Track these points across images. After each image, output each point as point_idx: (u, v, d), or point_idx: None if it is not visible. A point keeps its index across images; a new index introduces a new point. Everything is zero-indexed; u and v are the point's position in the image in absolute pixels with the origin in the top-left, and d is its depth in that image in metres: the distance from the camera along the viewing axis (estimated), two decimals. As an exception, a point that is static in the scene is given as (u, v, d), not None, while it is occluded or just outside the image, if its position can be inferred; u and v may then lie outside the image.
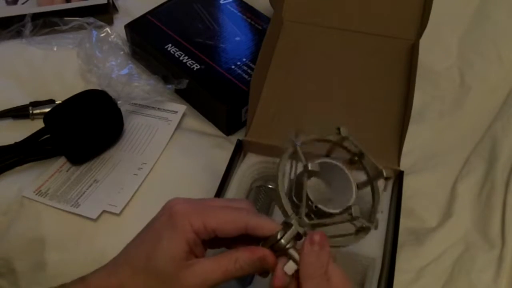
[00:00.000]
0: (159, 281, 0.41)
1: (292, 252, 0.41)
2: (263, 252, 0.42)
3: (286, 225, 0.42)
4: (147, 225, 0.44)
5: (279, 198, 0.45)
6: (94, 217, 0.62)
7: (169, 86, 0.72)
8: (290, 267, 0.41)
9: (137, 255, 0.43)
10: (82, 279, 0.43)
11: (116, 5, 0.88)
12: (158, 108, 0.73)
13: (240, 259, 0.42)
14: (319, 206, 0.46)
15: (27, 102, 0.73)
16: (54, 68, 0.79)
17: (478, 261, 0.59)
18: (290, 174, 0.50)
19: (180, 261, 0.41)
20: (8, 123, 0.73)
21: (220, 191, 0.60)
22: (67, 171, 0.67)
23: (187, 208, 0.43)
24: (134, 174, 0.66)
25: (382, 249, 0.56)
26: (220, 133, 0.73)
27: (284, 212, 0.45)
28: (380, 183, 0.50)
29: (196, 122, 0.74)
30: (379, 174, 0.49)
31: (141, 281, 0.42)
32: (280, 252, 0.42)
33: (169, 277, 0.41)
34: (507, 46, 0.81)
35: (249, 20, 0.80)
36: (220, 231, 0.42)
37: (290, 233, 0.42)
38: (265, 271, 0.43)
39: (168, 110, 0.73)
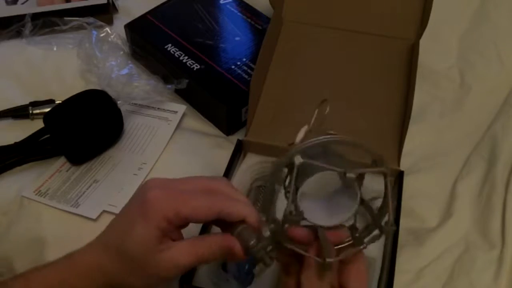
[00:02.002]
0: (133, 265, 0.43)
1: (263, 255, 0.42)
2: (234, 243, 0.43)
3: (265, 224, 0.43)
4: (122, 208, 0.46)
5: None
6: (94, 217, 0.62)
7: (169, 86, 0.72)
8: (258, 270, 0.43)
9: (112, 239, 0.45)
10: (69, 255, 0.46)
11: (116, 5, 0.88)
12: (158, 108, 0.73)
13: (212, 244, 0.43)
14: (307, 218, 0.42)
15: (27, 102, 0.73)
16: (54, 68, 0.79)
17: (478, 261, 0.59)
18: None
19: (152, 247, 0.43)
20: (8, 123, 0.73)
21: (220, 191, 0.60)
22: (67, 171, 0.67)
23: (160, 196, 0.43)
24: (134, 174, 0.66)
25: (382, 249, 0.56)
26: (220, 133, 0.73)
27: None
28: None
29: (196, 122, 0.74)
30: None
31: (116, 261, 0.44)
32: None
33: (141, 261, 0.43)
34: (507, 46, 0.81)
35: (249, 20, 0.80)
36: (193, 218, 0.43)
37: (261, 246, 0.42)
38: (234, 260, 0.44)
39: (168, 110, 0.73)
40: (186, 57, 0.74)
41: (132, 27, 0.79)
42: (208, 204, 0.43)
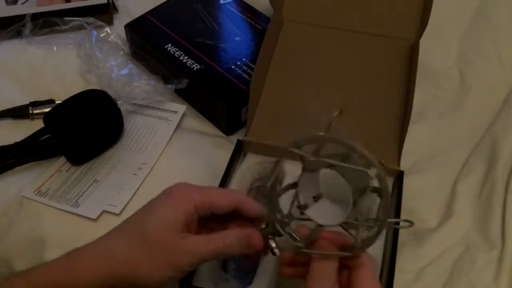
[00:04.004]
0: (154, 249, 0.44)
1: (270, 242, 0.45)
2: (250, 230, 0.45)
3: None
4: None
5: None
6: (94, 217, 0.62)
7: (169, 86, 0.72)
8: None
9: (132, 222, 0.46)
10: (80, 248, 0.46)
11: (116, 5, 0.88)
12: (158, 108, 0.73)
13: (229, 235, 0.45)
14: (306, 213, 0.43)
15: (27, 102, 0.73)
16: (54, 68, 0.79)
17: (478, 261, 0.59)
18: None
19: (176, 231, 0.44)
20: (8, 123, 0.73)
21: (220, 191, 0.60)
22: (67, 171, 0.67)
23: (186, 185, 0.47)
24: (134, 174, 0.66)
25: (382, 249, 0.56)
26: (220, 133, 0.73)
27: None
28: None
29: (196, 122, 0.74)
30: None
31: (134, 245, 0.44)
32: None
33: (163, 245, 0.44)
34: (507, 46, 0.81)
35: (249, 20, 0.80)
36: (216, 205, 0.46)
37: (271, 227, 0.45)
38: (252, 251, 0.45)
39: (168, 110, 0.73)
40: (186, 57, 0.74)
41: (132, 27, 0.79)
42: (230, 194, 0.48)
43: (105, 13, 0.85)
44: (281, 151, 0.44)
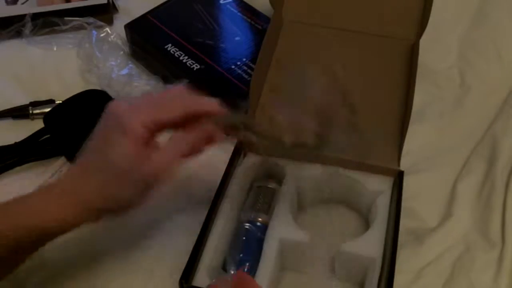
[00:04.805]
0: (119, 174, 0.45)
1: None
2: (211, 128, 0.50)
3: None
4: (94, 133, 0.48)
5: None
6: (94, 217, 0.62)
7: (169, 86, 0.72)
8: None
9: (92, 157, 0.47)
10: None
11: (116, 5, 0.88)
12: (158, 108, 0.73)
13: (190, 140, 0.49)
14: None
15: (27, 102, 0.73)
16: (54, 68, 0.79)
17: (478, 261, 0.59)
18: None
19: (135, 158, 0.45)
20: (8, 123, 0.73)
21: (220, 191, 0.60)
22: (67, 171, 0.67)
23: (134, 108, 0.46)
24: (134, 174, 0.66)
25: (382, 249, 0.56)
26: (220, 133, 0.73)
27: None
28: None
29: (196, 122, 0.74)
30: None
31: (102, 176, 0.46)
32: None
33: (127, 172, 0.45)
34: (507, 46, 0.81)
35: (249, 20, 0.80)
36: (170, 121, 0.47)
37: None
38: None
39: (168, 110, 0.73)
40: (186, 57, 0.74)
41: (132, 27, 0.79)
42: (180, 102, 0.48)
43: (105, 13, 0.85)
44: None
